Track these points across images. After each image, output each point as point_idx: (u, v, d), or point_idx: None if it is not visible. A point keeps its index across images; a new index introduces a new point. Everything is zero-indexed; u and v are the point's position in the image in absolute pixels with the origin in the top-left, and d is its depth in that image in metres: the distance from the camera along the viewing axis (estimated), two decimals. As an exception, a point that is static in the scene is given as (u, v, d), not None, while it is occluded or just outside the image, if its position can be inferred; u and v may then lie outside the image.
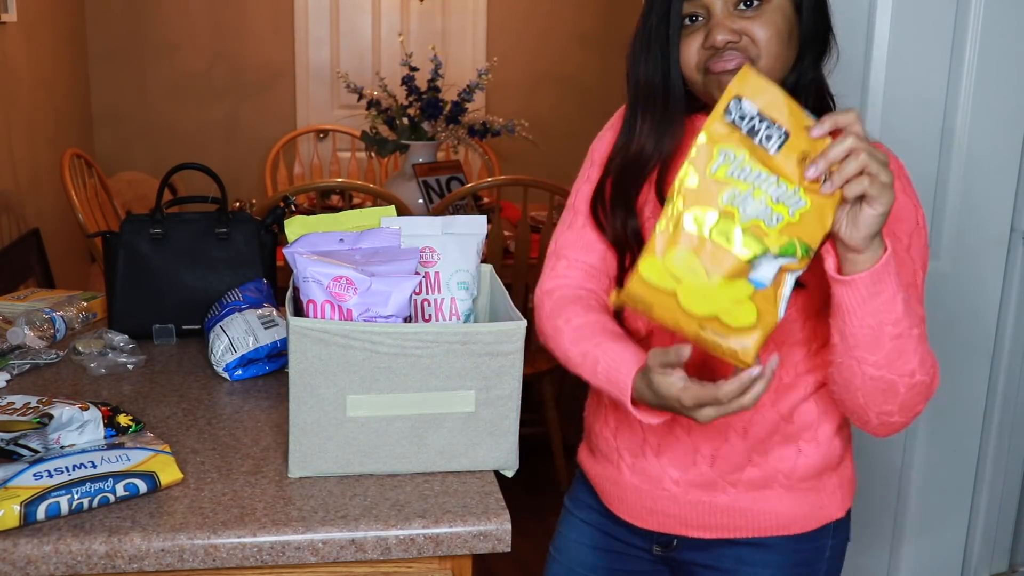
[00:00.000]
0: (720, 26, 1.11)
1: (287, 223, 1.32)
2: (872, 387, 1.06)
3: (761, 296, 0.92)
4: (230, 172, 2.26)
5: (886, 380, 1.05)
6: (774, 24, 1.11)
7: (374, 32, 4.98)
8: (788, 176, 0.90)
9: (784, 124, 0.91)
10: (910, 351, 1.03)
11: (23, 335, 1.60)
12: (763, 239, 0.90)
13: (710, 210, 0.90)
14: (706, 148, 0.91)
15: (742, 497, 1.22)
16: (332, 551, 1.07)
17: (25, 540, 1.02)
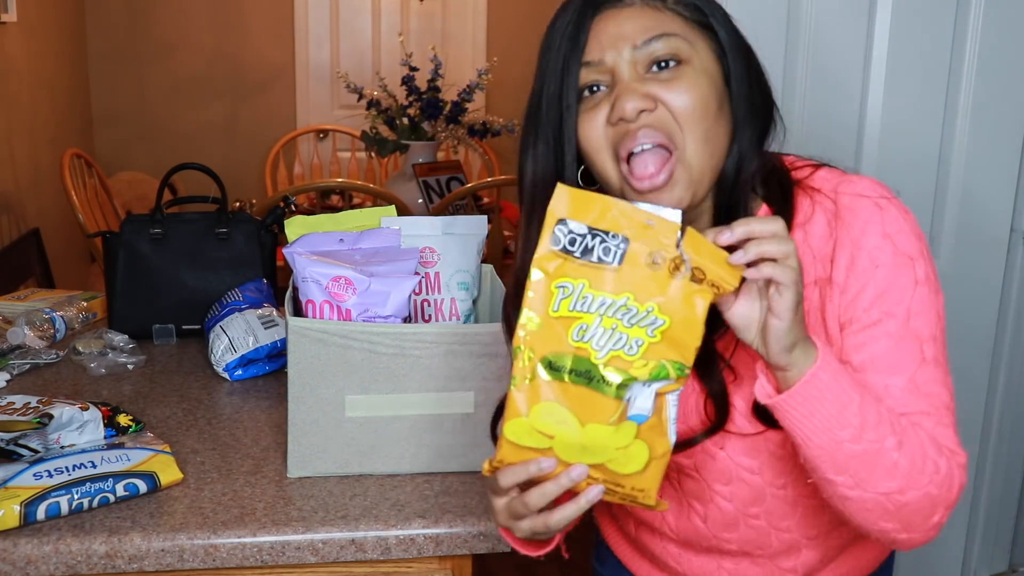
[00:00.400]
0: (628, 92, 0.89)
1: (287, 223, 1.32)
2: (856, 508, 0.89)
3: (647, 429, 0.82)
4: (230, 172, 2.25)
5: (868, 500, 0.87)
6: (697, 89, 0.89)
7: (374, 32, 4.98)
8: (639, 292, 0.80)
9: (620, 230, 0.80)
10: (887, 466, 0.86)
11: (23, 335, 1.60)
12: (628, 370, 0.80)
13: (563, 353, 0.80)
14: (542, 285, 0.80)
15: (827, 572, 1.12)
16: (332, 551, 1.07)
17: (25, 540, 1.02)
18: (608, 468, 0.82)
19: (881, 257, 0.93)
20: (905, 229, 0.95)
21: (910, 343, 0.94)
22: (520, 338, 0.81)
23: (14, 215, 3.50)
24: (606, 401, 0.80)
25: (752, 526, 1.05)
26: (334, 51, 4.96)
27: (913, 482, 0.87)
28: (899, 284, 0.93)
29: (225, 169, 1.99)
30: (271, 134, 4.77)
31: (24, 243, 3.50)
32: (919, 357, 0.94)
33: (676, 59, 0.90)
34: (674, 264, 0.80)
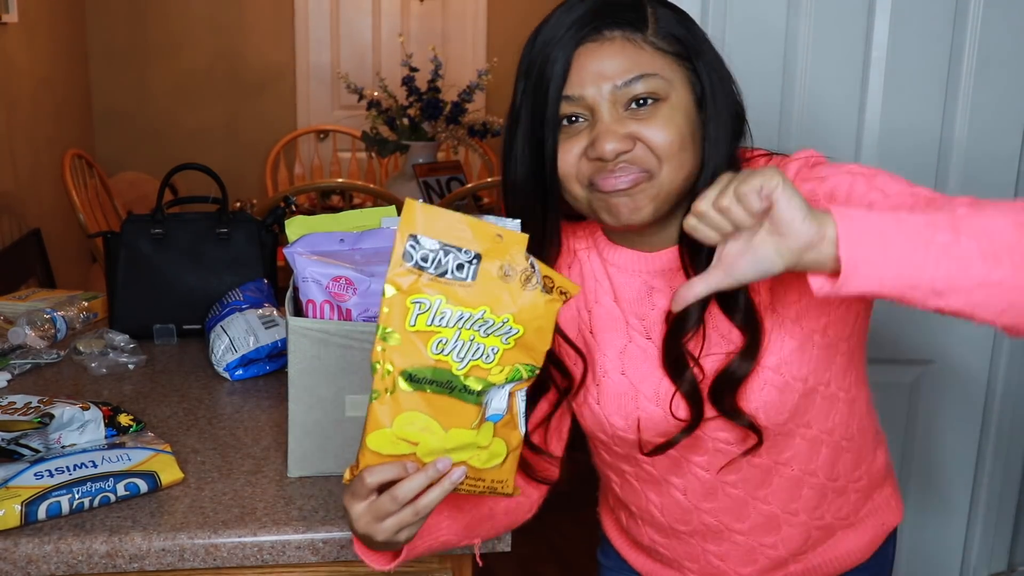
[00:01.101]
0: (608, 133, 0.92)
1: (287, 223, 1.32)
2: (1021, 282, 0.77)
3: (502, 425, 0.86)
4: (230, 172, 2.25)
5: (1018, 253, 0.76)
6: (675, 126, 0.93)
7: (374, 33, 4.98)
8: (495, 304, 0.82)
9: (471, 246, 0.82)
10: (986, 219, 0.77)
11: (24, 335, 1.60)
12: (487, 378, 0.84)
13: (422, 366, 0.83)
14: (398, 301, 0.82)
15: (812, 557, 1.16)
16: (332, 550, 1.07)
17: (26, 539, 1.03)
18: (470, 465, 0.86)
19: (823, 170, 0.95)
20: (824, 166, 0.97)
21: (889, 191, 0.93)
22: (378, 353, 0.84)
23: (15, 215, 3.51)
24: (467, 407, 0.84)
25: (730, 495, 1.08)
26: (334, 52, 4.96)
27: (1012, 210, 0.78)
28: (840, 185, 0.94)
29: (226, 169, 1.99)
30: (271, 134, 4.77)
31: (25, 243, 3.50)
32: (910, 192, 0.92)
33: (654, 97, 0.93)
34: (525, 276, 0.83)
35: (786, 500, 1.10)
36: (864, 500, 1.18)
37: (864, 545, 1.18)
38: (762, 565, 1.15)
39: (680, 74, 0.95)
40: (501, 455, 0.87)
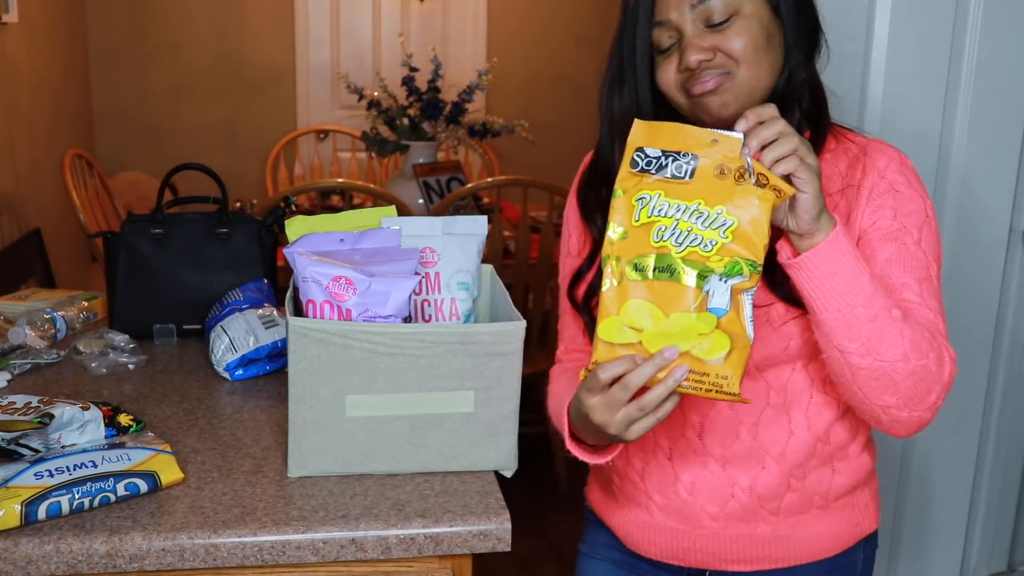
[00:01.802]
0: (691, 46, 1.08)
1: (287, 223, 1.32)
2: (864, 377, 1.02)
3: (727, 322, 0.92)
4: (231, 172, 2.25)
5: (876, 369, 1.01)
6: (749, 33, 1.07)
7: (374, 33, 4.99)
8: (709, 198, 0.92)
9: (690, 150, 0.93)
10: (893, 334, 1.00)
11: (24, 335, 1.61)
12: (706, 263, 0.92)
13: (646, 253, 0.92)
14: (623, 201, 0.93)
15: (782, 525, 1.19)
16: (332, 551, 1.07)
17: (26, 539, 1.03)
18: (693, 355, 0.92)
19: (900, 186, 1.11)
20: (918, 179, 1.14)
21: (920, 258, 1.09)
22: (608, 247, 0.94)
23: (15, 215, 3.51)
24: (687, 290, 0.92)
25: (721, 413, 1.17)
26: (334, 52, 4.96)
27: (916, 352, 1.01)
28: (914, 209, 1.11)
29: (226, 169, 1.99)
30: (272, 134, 4.78)
31: (25, 243, 3.50)
32: (926, 271, 1.09)
33: (727, 17, 1.08)
34: (739, 173, 0.93)
35: (774, 439, 1.15)
36: (844, 487, 1.20)
37: (833, 536, 1.21)
38: (730, 509, 1.18)
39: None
40: (725, 347, 0.92)
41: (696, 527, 1.20)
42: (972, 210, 1.93)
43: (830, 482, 1.19)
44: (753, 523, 1.18)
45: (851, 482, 1.21)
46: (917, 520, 2.10)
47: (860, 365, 1.01)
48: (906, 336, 1.00)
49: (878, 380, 1.02)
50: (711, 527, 1.19)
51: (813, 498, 1.19)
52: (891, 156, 1.13)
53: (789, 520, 1.19)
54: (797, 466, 1.17)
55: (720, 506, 1.18)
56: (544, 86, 5.05)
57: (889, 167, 1.12)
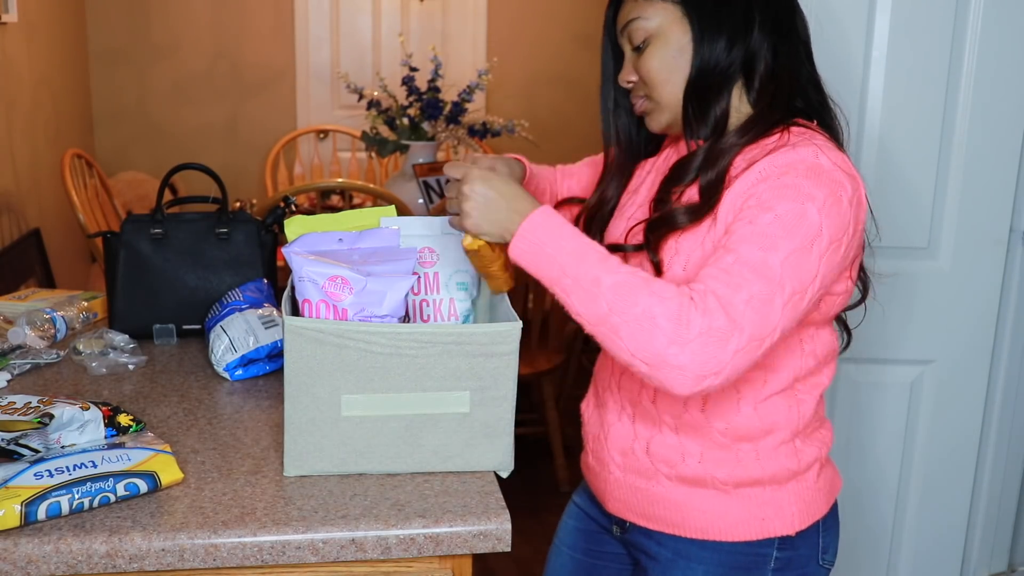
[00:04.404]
0: (624, 68, 1.25)
1: (287, 223, 1.32)
2: (587, 326, 1.09)
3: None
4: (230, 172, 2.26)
5: (590, 320, 1.08)
6: (659, 56, 1.19)
7: (374, 32, 4.98)
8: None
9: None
10: (595, 294, 1.06)
11: (24, 335, 1.60)
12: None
13: None
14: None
15: (676, 490, 1.23)
16: (332, 551, 1.07)
17: (26, 540, 1.03)
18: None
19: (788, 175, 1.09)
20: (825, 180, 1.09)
21: (764, 236, 1.06)
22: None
23: (15, 215, 3.51)
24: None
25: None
26: (334, 51, 4.96)
27: (623, 309, 1.04)
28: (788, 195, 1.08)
29: (225, 169, 1.99)
30: (271, 134, 4.78)
31: (25, 243, 3.50)
32: (766, 247, 1.05)
33: (644, 40, 1.21)
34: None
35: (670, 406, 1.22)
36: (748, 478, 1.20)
37: (731, 522, 1.21)
38: (630, 462, 1.26)
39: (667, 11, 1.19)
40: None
41: (607, 472, 1.30)
42: (973, 210, 1.93)
43: (732, 468, 1.20)
44: (650, 480, 1.25)
45: (758, 476, 1.21)
46: (917, 520, 2.10)
47: (580, 315, 1.08)
48: (612, 293, 1.05)
49: (602, 332, 1.07)
50: (616, 475, 1.29)
51: (712, 479, 1.21)
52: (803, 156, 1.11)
53: (684, 489, 1.23)
54: (691, 440, 1.21)
55: (624, 456, 1.27)
56: (544, 86, 5.05)
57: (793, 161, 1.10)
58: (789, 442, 1.22)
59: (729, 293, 1.03)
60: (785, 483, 1.22)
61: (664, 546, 1.26)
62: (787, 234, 1.06)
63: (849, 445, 2.03)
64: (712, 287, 1.04)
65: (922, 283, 1.96)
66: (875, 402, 2.02)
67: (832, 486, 1.29)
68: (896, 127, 1.89)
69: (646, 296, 1.04)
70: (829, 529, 1.28)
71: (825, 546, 1.27)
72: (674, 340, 1.02)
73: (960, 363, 2.01)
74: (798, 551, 1.24)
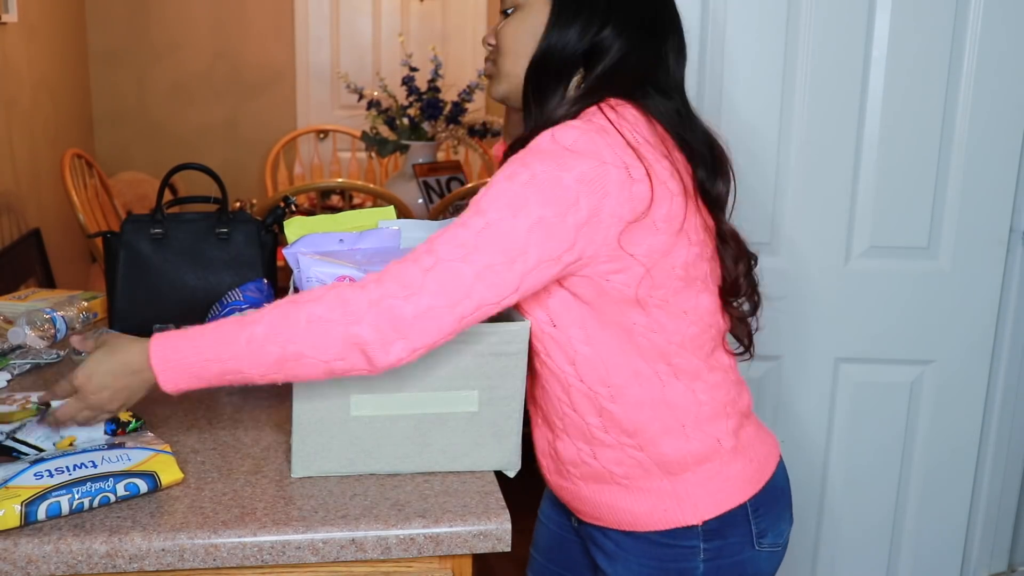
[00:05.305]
0: (488, 30, 1.28)
1: (287, 223, 1.32)
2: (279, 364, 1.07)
3: None
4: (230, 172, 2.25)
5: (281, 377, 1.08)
6: (516, 27, 1.21)
7: (374, 32, 4.98)
8: None
9: None
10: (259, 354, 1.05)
11: (24, 335, 1.60)
12: None
13: None
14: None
15: (586, 487, 1.24)
16: (332, 551, 1.07)
17: (26, 540, 1.03)
18: None
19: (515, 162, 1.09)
20: (548, 152, 1.07)
21: (459, 220, 1.07)
22: None
23: (15, 215, 3.51)
24: None
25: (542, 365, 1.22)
26: (334, 51, 4.96)
27: (288, 332, 1.04)
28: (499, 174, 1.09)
29: (225, 169, 1.99)
30: (271, 134, 4.77)
31: (25, 243, 3.50)
32: (457, 224, 1.06)
33: (512, 7, 1.22)
34: None
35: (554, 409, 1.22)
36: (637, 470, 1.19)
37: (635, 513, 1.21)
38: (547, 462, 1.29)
39: None
40: None
41: (541, 470, 1.33)
42: (973, 210, 1.93)
43: (621, 463, 1.20)
44: (567, 480, 1.26)
45: (647, 467, 1.19)
46: (917, 520, 2.10)
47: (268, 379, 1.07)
48: (268, 329, 1.04)
49: (291, 366, 1.06)
50: (545, 474, 1.32)
51: (611, 475, 1.21)
52: (544, 134, 1.10)
53: (593, 486, 1.24)
54: (581, 439, 1.21)
55: (543, 458, 1.30)
56: (544, 86, 5.05)
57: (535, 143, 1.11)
58: (671, 432, 1.18)
59: (404, 266, 1.05)
60: (679, 474, 1.19)
61: (610, 539, 1.26)
62: (492, 207, 1.06)
63: (849, 445, 2.03)
64: (390, 267, 1.06)
65: (922, 283, 1.96)
66: (875, 402, 2.02)
67: (757, 468, 1.24)
68: (896, 127, 1.89)
69: (299, 308, 1.04)
70: (764, 513, 1.23)
71: (761, 531, 1.23)
72: (349, 322, 1.03)
73: (960, 363, 2.01)
74: (727, 539, 1.21)
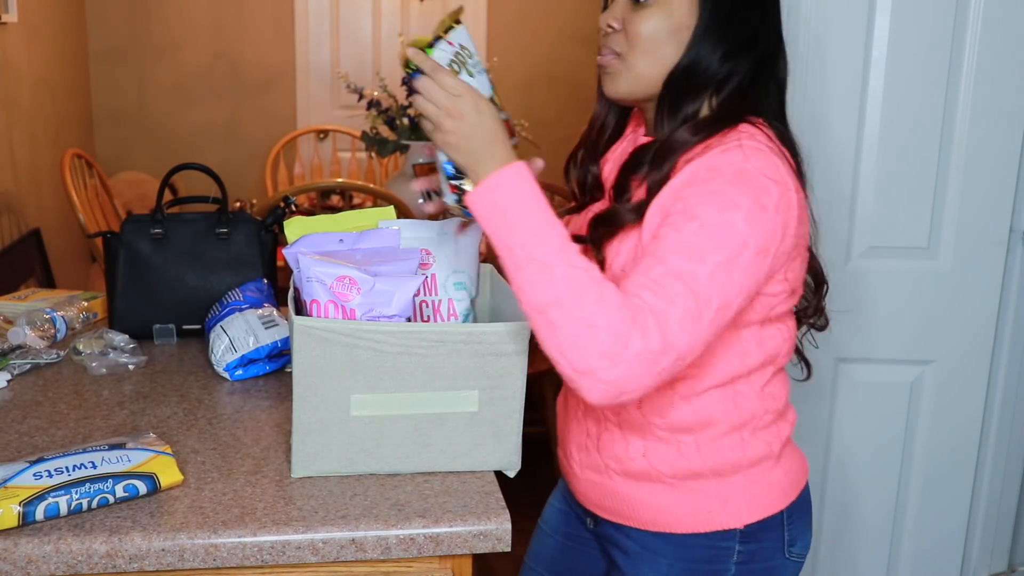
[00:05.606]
0: (608, 12, 1.18)
1: (287, 223, 1.32)
2: (526, 311, 1.05)
3: None
4: (230, 172, 2.25)
5: (528, 308, 1.04)
6: (655, 22, 1.14)
7: (374, 32, 4.99)
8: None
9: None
10: (547, 280, 1.02)
11: (24, 335, 1.60)
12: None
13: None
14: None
15: (626, 485, 1.24)
16: (332, 551, 1.07)
17: (26, 540, 1.03)
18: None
19: (717, 178, 1.08)
20: (751, 187, 1.07)
21: (690, 247, 1.05)
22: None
23: (15, 215, 3.51)
24: None
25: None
26: (334, 51, 4.96)
27: (571, 309, 1.00)
28: (712, 201, 1.06)
29: (225, 169, 1.99)
30: (271, 134, 4.78)
31: (25, 243, 3.50)
32: (692, 259, 1.04)
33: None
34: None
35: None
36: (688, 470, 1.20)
37: (678, 514, 1.22)
38: (583, 457, 1.28)
39: None
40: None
41: (570, 466, 1.32)
42: (973, 210, 1.93)
43: (675, 461, 1.20)
44: (603, 475, 1.26)
45: (699, 468, 1.20)
46: (917, 520, 2.10)
47: (520, 298, 1.05)
48: (563, 287, 1.01)
49: (534, 320, 1.04)
50: (576, 470, 1.30)
51: (658, 473, 1.21)
52: (731, 159, 1.10)
53: (634, 484, 1.23)
54: (634, 435, 1.21)
55: (580, 452, 1.29)
56: (543, 85, 5.05)
57: (721, 163, 1.09)
58: (732, 435, 1.20)
59: (664, 309, 1.02)
60: (729, 476, 1.21)
61: (632, 539, 1.26)
62: (713, 245, 1.04)
63: (849, 445, 2.03)
64: (649, 302, 1.02)
65: (922, 283, 1.96)
66: (875, 402, 2.02)
67: (793, 479, 1.26)
68: (896, 127, 1.89)
69: (593, 302, 1.01)
70: (796, 522, 1.26)
71: (791, 539, 1.25)
72: (608, 355, 1.00)
73: (960, 363, 2.01)
74: (762, 544, 1.23)
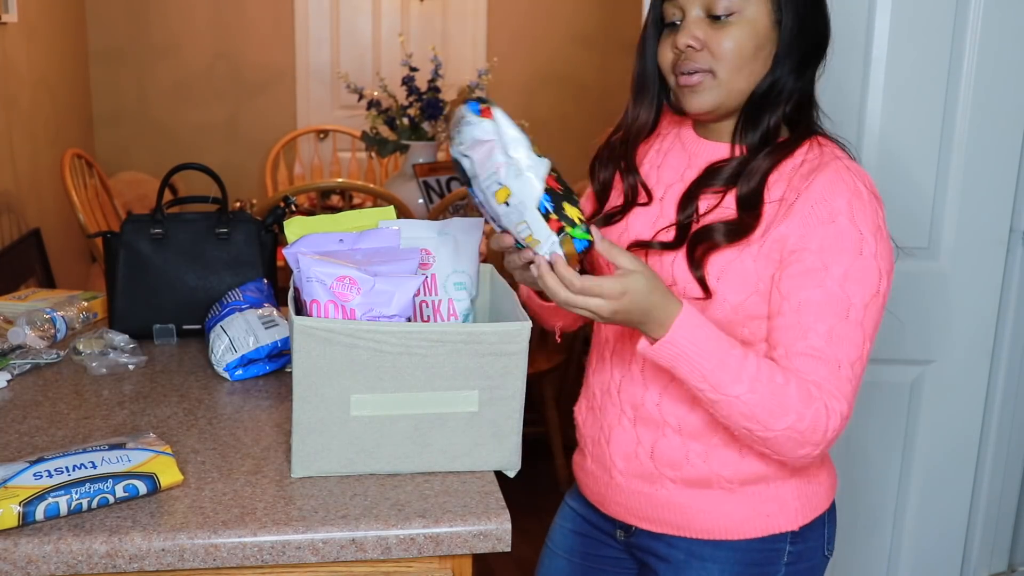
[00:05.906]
0: (686, 30, 1.16)
1: (287, 223, 1.32)
2: (733, 428, 1.14)
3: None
4: (230, 172, 2.26)
5: (735, 430, 1.14)
6: (741, 37, 1.14)
7: (374, 32, 4.98)
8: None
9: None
10: (741, 412, 1.10)
11: (24, 335, 1.60)
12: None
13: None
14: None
15: (681, 493, 1.23)
16: (332, 551, 1.07)
17: (26, 539, 1.03)
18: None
19: (840, 216, 1.12)
20: (868, 213, 1.13)
21: (839, 300, 1.11)
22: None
23: (15, 215, 3.51)
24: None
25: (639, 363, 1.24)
26: (334, 51, 4.96)
27: (769, 425, 1.09)
28: (847, 246, 1.12)
29: (225, 169, 1.99)
30: (271, 134, 4.77)
31: (25, 243, 3.50)
32: (843, 314, 1.11)
33: (729, 12, 1.14)
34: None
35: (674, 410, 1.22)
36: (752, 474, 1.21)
37: (737, 520, 1.23)
38: (633, 466, 1.25)
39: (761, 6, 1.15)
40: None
41: (609, 476, 1.29)
42: (973, 210, 1.93)
43: (736, 466, 1.21)
44: (653, 484, 1.25)
45: (762, 472, 1.22)
46: (917, 520, 2.10)
47: (722, 423, 1.14)
48: (757, 409, 1.09)
49: (743, 437, 1.14)
50: (619, 480, 1.28)
51: (718, 478, 1.21)
52: (843, 183, 1.13)
53: (689, 491, 1.23)
54: (695, 439, 1.21)
55: (626, 461, 1.26)
56: (544, 86, 5.05)
57: (835, 193, 1.13)
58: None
59: (835, 378, 1.11)
60: (788, 479, 1.23)
61: (675, 547, 1.25)
62: (859, 291, 1.11)
63: (849, 445, 2.03)
64: (822, 377, 1.11)
65: (922, 283, 1.96)
66: (875, 402, 2.02)
67: (833, 480, 1.31)
68: (896, 127, 1.89)
69: (785, 411, 1.09)
70: (832, 521, 1.30)
71: (829, 537, 1.30)
72: (814, 443, 1.11)
73: (960, 363, 2.01)
74: (808, 543, 1.26)
